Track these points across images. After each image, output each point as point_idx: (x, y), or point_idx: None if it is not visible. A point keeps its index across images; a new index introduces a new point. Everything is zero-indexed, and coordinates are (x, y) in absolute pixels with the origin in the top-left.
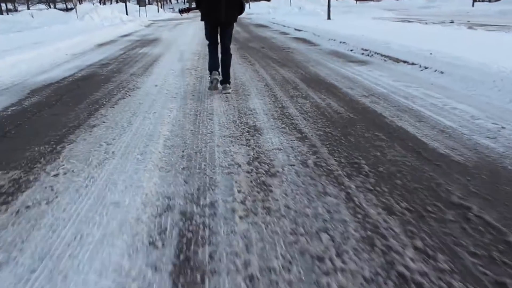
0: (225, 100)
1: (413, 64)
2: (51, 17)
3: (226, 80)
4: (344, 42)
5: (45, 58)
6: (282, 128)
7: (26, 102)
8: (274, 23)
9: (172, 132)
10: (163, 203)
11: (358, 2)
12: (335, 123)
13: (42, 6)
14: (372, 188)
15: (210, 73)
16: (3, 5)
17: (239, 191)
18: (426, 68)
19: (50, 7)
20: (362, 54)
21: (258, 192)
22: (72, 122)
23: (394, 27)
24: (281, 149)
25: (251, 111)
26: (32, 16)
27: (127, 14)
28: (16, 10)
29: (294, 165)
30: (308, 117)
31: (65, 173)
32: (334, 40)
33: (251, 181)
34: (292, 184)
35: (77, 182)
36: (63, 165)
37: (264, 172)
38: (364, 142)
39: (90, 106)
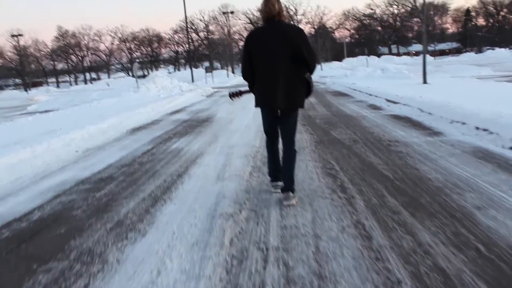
0: None
1: None
2: (124, 85)
3: (288, 186)
4: (486, 130)
5: (39, 160)
6: None
7: None
8: (355, 90)
9: None
10: None
11: (435, 58)
12: None
13: (121, 73)
14: None
15: (271, 180)
16: (87, 74)
17: None
18: None
19: (128, 75)
20: None
21: None
22: None
23: None
24: None
25: None
26: (108, 85)
27: (193, 81)
28: (99, 79)
29: None
30: None
31: None
32: (463, 123)
33: None
34: None
35: None
36: None
37: None
38: None
39: None
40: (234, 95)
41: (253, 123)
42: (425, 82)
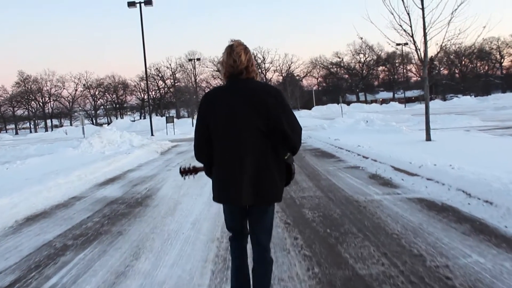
0: None
1: None
2: (82, 133)
3: None
4: None
5: None
6: None
7: None
8: (341, 148)
9: None
10: None
11: (406, 105)
12: None
13: (85, 121)
14: None
15: None
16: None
17: None
18: None
19: (92, 123)
20: None
21: None
22: None
23: None
24: None
25: None
26: (66, 133)
27: (152, 133)
28: (61, 126)
29: None
30: None
31: None
32: None
33: None
34: None
35: None
36: None
37: None
38: None
39: None
40: (187, 172)
41: (207, 215)
42: (428, 139)
